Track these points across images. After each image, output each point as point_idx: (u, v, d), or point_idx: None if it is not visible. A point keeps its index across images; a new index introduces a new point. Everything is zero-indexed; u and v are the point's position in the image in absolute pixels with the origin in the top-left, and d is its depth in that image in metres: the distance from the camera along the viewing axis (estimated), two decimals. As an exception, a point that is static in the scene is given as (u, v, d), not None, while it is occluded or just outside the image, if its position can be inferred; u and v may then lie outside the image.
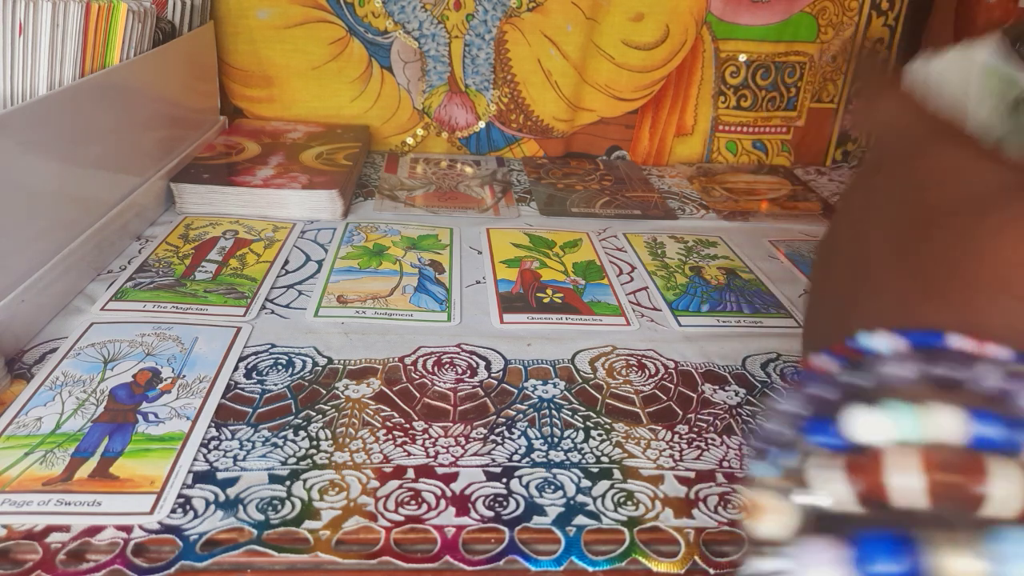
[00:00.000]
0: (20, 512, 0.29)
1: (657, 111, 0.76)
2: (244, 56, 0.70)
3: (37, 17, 0.47)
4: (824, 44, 0.75)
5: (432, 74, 0.72)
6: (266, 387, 0.38)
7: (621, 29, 0.71)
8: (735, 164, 0.81)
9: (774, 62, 0.75)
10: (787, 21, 0.73)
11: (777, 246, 0.59)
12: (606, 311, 0.48)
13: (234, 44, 0.70)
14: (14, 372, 0.38)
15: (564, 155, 0.77)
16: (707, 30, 0.73)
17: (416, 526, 0.30)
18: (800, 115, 0.77)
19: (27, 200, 0.41)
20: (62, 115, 0.45)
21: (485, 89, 0.73)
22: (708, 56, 0.74)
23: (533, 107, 0.74)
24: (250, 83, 0.72)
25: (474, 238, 0.57)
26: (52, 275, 0.43)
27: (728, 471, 0.34)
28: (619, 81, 0.74)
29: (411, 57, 0.71)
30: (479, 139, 0.76)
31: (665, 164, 0.78)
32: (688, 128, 0.77)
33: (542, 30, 0.71)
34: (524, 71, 0.72)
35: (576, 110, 0.75)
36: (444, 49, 0.71)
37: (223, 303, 0.46)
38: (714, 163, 0.81)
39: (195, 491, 0.31)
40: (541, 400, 0.38)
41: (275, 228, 0.57)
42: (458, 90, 0.73)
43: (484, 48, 0.71)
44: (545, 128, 0.75)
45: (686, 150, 0.78)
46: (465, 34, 0.70)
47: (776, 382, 0.41)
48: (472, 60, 0.72)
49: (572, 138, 0.77)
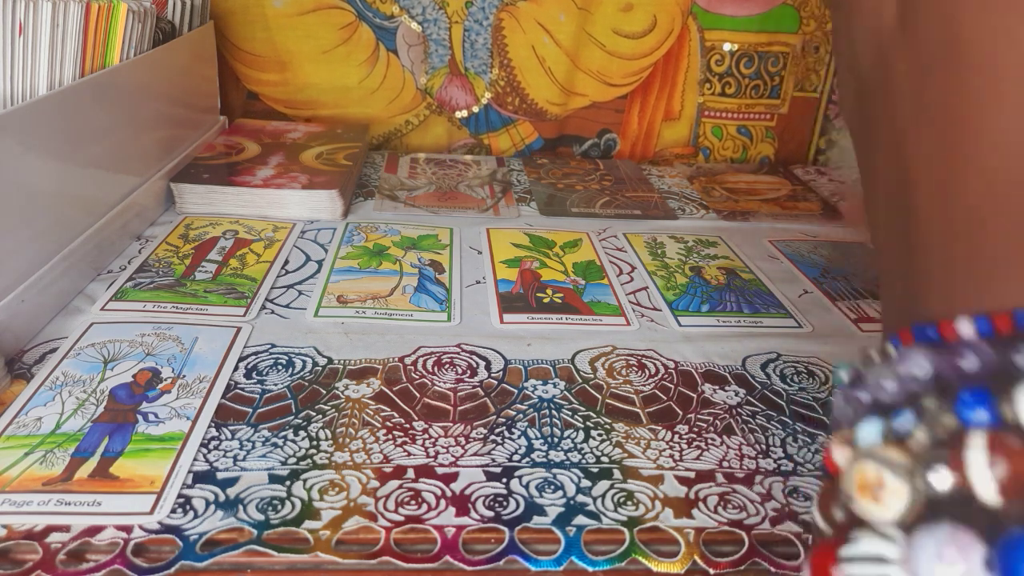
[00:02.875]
0: (20, 512, 0.29)
1: (646, 96, 0.78)
2: (260, 43, 0.73)
3: (37, 17, 0.47)
4: (806, 36, 0.77)
5: (434, 56, 0.75)
6: (266, 387, 0.38)
7: (612, 18, 0.74)
8: (735, 164, 0.81)
9: (757, 52, 0.77)
10: (769, 13, 0.76)
11: (777, 246, 0.59)
12: (606, 311, 0.48)
13: (251, 32, 0.73)
14: (14, 372, 0.38)
15: (557, 136, 0.79)
16: (693, 20, 0.76)
17: (416, 526, 0.30)
18: (784, 103, 0.79)
19: (27, 200, 0.41)
20: (62, 115, 0.45)
21: (483, 72, 0.76)
22: (694, 45, 0.77)
23: (528, 91, 0.77)
24: (265, 68, 0.75)
25: (474, 238, 0.57)
26: (52, 275, 0.43)
27: (728, 471, 0.34)
28: (610, 68, 0.76)
29: (415, 40, 0.74)
30: (477, 120, 0.78)
31: (654, 148, 0.81)
32: (676, 113, 0.79)
33: (536, 18, 0.74)
34: (519, 57, 0.75)
35: (569, 94, 0.77)
36: (445, 33, 0.74)
37: (223, 303, 0.46)
38: (711, 159, 0.81)
39: (195, 491, 0.31)
40: (541, 400, 0.38)
41: (275, 228, 0.57)
42: (458, 72, 0.76)
43: (482, 34, 0.74)
44: (539, 111, 0.78)
45: (674, 134, 0.80)
46: (465, 20, 0.73)
47: (776, 382, 0.41)
48: (471, 45, 0.75)
49: (565, 121, 0.79)
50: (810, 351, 0.44)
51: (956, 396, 0.14)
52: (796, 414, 0.38)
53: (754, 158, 0.81)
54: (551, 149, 0.80)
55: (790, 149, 0.81)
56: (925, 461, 0.14)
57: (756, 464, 0.34)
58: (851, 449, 0.16)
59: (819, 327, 0.47)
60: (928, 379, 0.15)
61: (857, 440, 0.15)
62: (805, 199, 0.70)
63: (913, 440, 0.14)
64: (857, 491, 0.15)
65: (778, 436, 0.37)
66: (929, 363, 0.15)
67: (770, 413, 0.38)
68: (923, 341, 0.16)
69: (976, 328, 0.15)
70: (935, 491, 0.14)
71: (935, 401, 0.15)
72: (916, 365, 0.15)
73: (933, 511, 0.14)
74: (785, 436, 0.37)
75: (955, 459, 0.14)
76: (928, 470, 0.14)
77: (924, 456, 0.14)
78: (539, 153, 0.80)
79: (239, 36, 0.73)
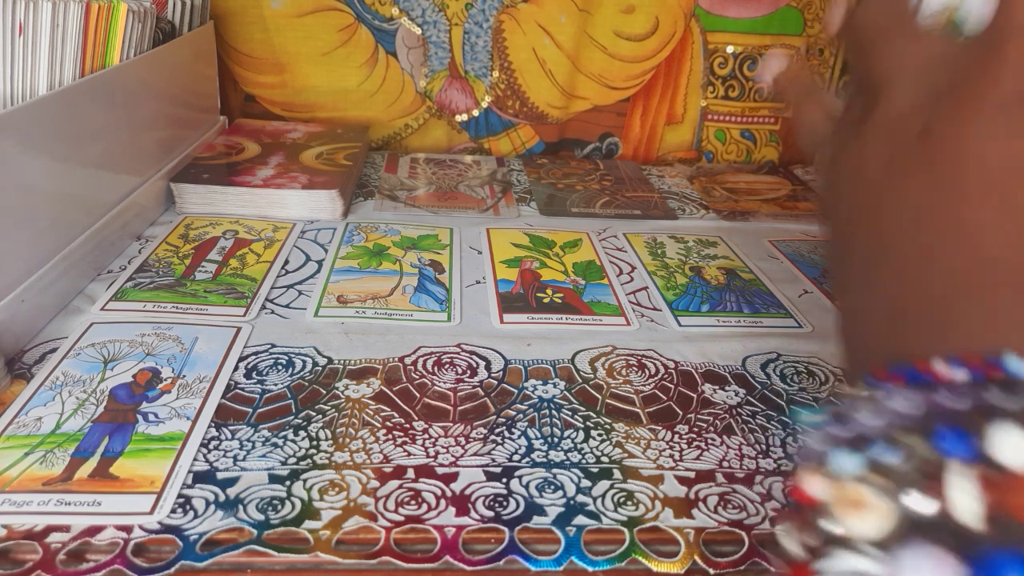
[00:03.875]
0: (20, 512, 0.29)
1: (648, 100, 0.78)
2: (258, 44, 0.72)
3: (37, 17, 0.47)
4: (810, 38, 0.76)
5: (433, 59, 0.75)
6: (266, 387, 0.38)
7: (613, 20, 0.73)
8: (736, 164, 0.81)
9: (761, 54, 0.76)
10: (773, 14, 0.75)
11: (777, 246, 0.59)
12: (606, 311, 0.48)
13: (248, 33, 0.72)
14: (14, 372, 0.38)
15: (559, 140, 0.79)
16: (696, 22, 0.75)
17: (416, 526, 0.30)
18: (788, 106, 0.78)
19: (27, 200, 0.41)
20: (62, 115, 0.45)
21: (484, 75, 0.75)
22: (697, 47, 0.76)
23: (529, 94, 0.76)
24: (263, 70, 0.74)
25: (474, 238, 0.57)
26: (52, 275, 0.43)
27: (728, 471, 0.34)
28: (611, 70, 0.76)
29: (414, 43, 0.74)
30: (477, 123, 0.78)
31: (656, 151, 0.80)
32: (678, 116, 0.79)
33: (537, 20, 0.73)
34: (520, 59, 0.75)
35: (570, 97, 0.77)
36: (445, 36, 0.74)
37: (223, 303, 0.46)
38: (714, 163, 0.81)
39: (195, 491, 0.31)
40: (541, 400, 0.38)
41: (275, 228, 0.57)
42: (458, 75, 0.75)
43: (482, 36, 0.74)
44: (540, 114, 0.77)
45: (676, 138, 0.80)
46: (464, 22, 0.73)
47: (776, 382, 0.41)
48: (471, 47, 0.74)
49: (566, 124, 0.79)
50: (810, 351, 0.44)
51: (935, 431, 0.15)
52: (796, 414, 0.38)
53: (758, 162, 0.81)
54: (552, 153, 0.79)
55: (794, 153, 0.80)
56: (907, 484, 0.15)
57: (756, 464, 0.34)
58: (829, 478, 0.16)
59: (819, 327, 0.47)
60: (908, 415, 0.16)
61: (834, 470, 0.16)
62: (805, 199, 0.70)
63: (893, 467, 0.15)
64: (840, 511, 0.15)
65: (778, 436, 0.37)
66: (909, 400, 0.16)
67: (770, 413, 0.38)
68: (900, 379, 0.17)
69: (951, 368, 0.17)
70: (916, 513, 0.14)
71: (914, 435, 0.16)
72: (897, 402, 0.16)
73: (914, 532, 0.14)
74: (785, 436, 0.37)
75: (935, 485, 0.14)
76: (909, 492, 0.15)
77: (906, 480, 0.15)
78: (539, 155, 0.79)
79: (237, 38, 0.72)
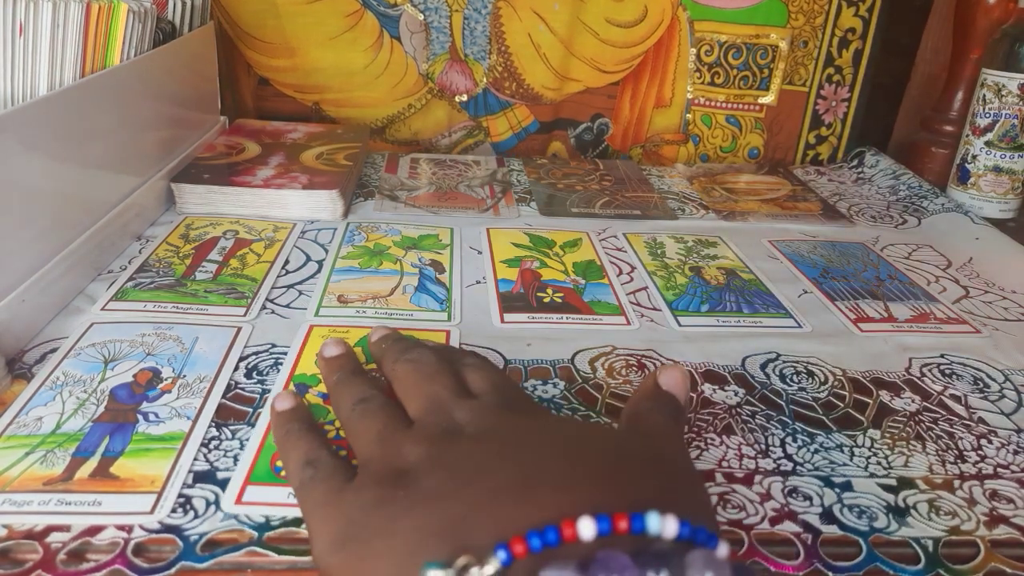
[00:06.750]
0: (20, 512, 0.29)
1: (637, 84, 0.81)
2: (270, 30, 0.76)
3: (37, 17, 0.47)
4: (795, 30, 0.78)
5: (435, 43, 0.78)
6: (266, 387, 0.38)
7: (604, 8, 0.77)
8: (736, 164, 0.81)
9: (746, 44, 0.79)
10: (758, 6, 0.77)
11: (777, 246, 0.59)
12: (606, 311, 0.48)
13: (262, 19, 0.76)
14: (14, 372, 0.38)
15: (553, 120, 0.82)
16: (683, 11, 0.78)
17: (416, 526, 0.30)
18: (772, 96, 0.81)
19: (27, 200, 0.41)
20: (62, 115, 0.45)
21: (482, 58, 0.79)
22: (684, 35, 0.79)
23: (524, 76, 0.79)
24: (275, 55, 0.77)
25: (474, 238, 0.58)
26: (52, 275, 0.43)
27: (727, 471, 0.34)
28: (603, 55, 0.79)
29: (417, 28, 0.77)
30: (476, 103, 0.81)
31: (645, 133, 0.82)
32: (666, 101, 0.82)
33: (532, 7, 0.77)
34: (516, 44, 0.78)
35: (564, 80, 0.80)
36: (446, 21, 0.77)
37: (223, 303, 0.46)
38: (714, 163, 0.82)
39: (195, 491, 0.31)
40: (541, 400, 0.38)
41: (275, 228, 0.57)
42: (458, 58, 0.79)
43: (481, 21, 0.77)
44: (535, 95, 0.80)
45: (664, 120, 0.82)
46: (464, 8, 0.77)
47: (775, 382, 0.41)
48: (471, 32, 0.78)
49: (560, 105, 0.81)
50: (810, 351, 0.44)
51: None
52: (796, 414, 0.38)
53: (743, 148, 0.82)
54: (547, 131, 0.82)
55: (779, 141, 0.83)
56: None
57: (756, 464, 0.34)
58: None
59: (818, 327, 0.47)
60: None
61: None
62: (805, 199, 0.70)
63: None
64: None
65: (778, 436, 0.37)
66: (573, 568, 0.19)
67: (770, 413, 0.38)
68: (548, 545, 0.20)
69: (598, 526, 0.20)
70: None
71: None
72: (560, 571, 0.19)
73: None
74: (785, 436, 0.37)
75: None
76: None
77: None
78: (535, 136, 0.82)
79: (250, 24, 0.76)
